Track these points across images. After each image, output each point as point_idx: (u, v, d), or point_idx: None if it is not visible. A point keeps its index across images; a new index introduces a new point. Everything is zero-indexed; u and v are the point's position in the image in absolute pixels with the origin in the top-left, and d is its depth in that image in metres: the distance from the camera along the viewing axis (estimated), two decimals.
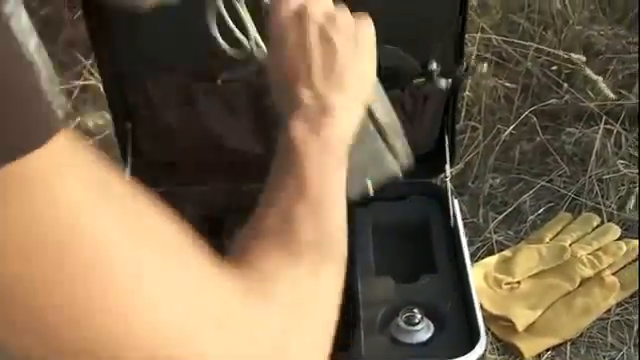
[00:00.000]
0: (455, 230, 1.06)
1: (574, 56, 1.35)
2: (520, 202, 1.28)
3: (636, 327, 1.09)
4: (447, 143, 1.10)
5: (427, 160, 1.11)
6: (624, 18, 1.48)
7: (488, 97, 1.42)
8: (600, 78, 1.31)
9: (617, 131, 1.31)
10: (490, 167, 1.33)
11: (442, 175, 1.12)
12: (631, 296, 1.12)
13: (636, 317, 1.10)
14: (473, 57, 1.43)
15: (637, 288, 1.12)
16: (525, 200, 1.28)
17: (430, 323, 0.91)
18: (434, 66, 0.98)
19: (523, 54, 1.45)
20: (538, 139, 1.36)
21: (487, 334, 1.04)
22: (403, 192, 1.08)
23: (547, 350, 1.07)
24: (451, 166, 1.17)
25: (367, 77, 0.61)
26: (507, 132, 1.34)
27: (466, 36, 1.43)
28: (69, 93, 1.48)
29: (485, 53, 1.47)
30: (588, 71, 1.33)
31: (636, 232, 1.20)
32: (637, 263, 1.15)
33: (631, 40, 1.44)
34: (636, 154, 1.30)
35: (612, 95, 1.32)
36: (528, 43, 1.43)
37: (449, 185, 1.06)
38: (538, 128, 1.37)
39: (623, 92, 1.36)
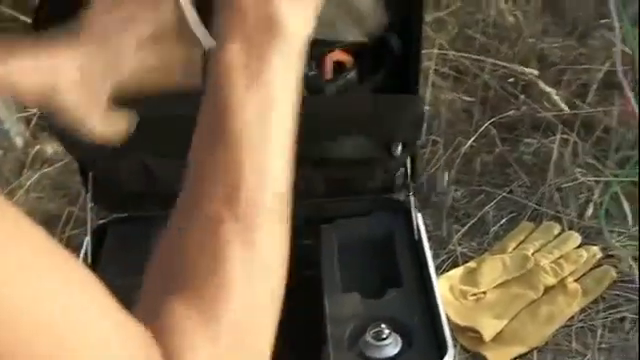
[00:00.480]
0: (419, 244, 1.07)
1: (527, 70, 1.38)
2: (483, 213, 1.29)
3: (599, 332, 1.11)
4: (408, 158, 1.12)
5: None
6: (574, 31, 1.52)
7: (447, 111, 1.44)
8: (553, 90, 1.35)
9: (574, 140, 1.34)
10: (452, 180, 1.34)
11: (405, 190, 1.13)
12: (593, 302, 1.14)
13: (599, 322, 1.12)
14: (431, 72, 1.45)
15: (599, 294, 1.14)
16: (487, 211, 1.30)
17: (398, 337, 0.91)
18: (398, 150, 1.01)
19: (480, 67, 1.48)
20: (498, 150, 1.38)
21: (455, 346, 1.05)
22: (367, 208, 1.09)
23: (514, 359, 1.08)
24: (413, 181, 1.18)
25: None
26: (467, 144, 1.36)
27: (423, 52, 1.46)
28: (27, 121, 1.46)
29: (442, 68, 1.49)
30: (541, 84, 1.36)
31: (595, 239, 1.22)
32: (597, 270, 1.18)
33: (582, 51, 1.47)
34: (592, 162, 1.33)
35: (565, 107, 1.35)
36: (482, 58, 1.46)
37: (412, 199, 1.07)
38: (497, 140, 1.39)
39: (577, 102, 1.39)
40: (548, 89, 1.34)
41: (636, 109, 1.24)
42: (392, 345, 0.90)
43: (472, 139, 1.36)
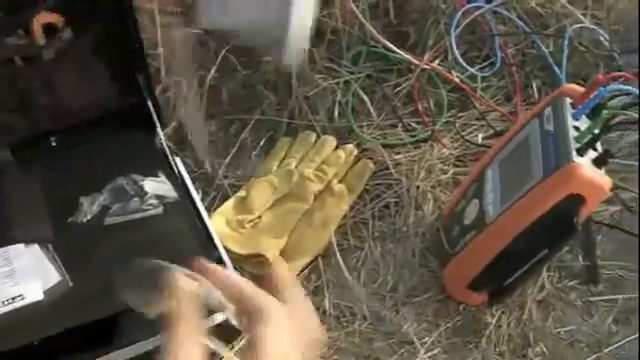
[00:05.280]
0: (184, 187, 1.07)
1: None
2: (241, 140, 1.30)
3: (370, 223, 1.18)
4: (150, 105, 1.10)
5: (137, 128, 1.10)
6: None
7: (182, 47, 1.41)
8: None
9: (308, 48, 1.37)
10: (204, 115, 1.33)
11: (157, 139, 1.11)
12: (359, 197, 1.21)
13: (368, 214, 1.19)
14: (156, 12, 1.40)
15: (362, 188, 1.21)
16: (245, 137, 1.31)
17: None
18: None
19: None
20: (241, 75, 1.38)
21: (242, 276, 1.07)
22: None
23: (302, 271, 1.12)
24: (164, 127, 1.16)
25: None
26: (210, 76, 1.35)
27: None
28: None
29: (167, 6, 1.45)
30: None
31: (348, 137, 1.28)
32: (356, 165, 1.24)
33: None
34: (329, 65, 1.37)
35: None
36: None
37: (166, 145, 1.06)
38: (238, 65, 1.39)
39: None
40: None
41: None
42: None
43: (213, 70, 1.35)
